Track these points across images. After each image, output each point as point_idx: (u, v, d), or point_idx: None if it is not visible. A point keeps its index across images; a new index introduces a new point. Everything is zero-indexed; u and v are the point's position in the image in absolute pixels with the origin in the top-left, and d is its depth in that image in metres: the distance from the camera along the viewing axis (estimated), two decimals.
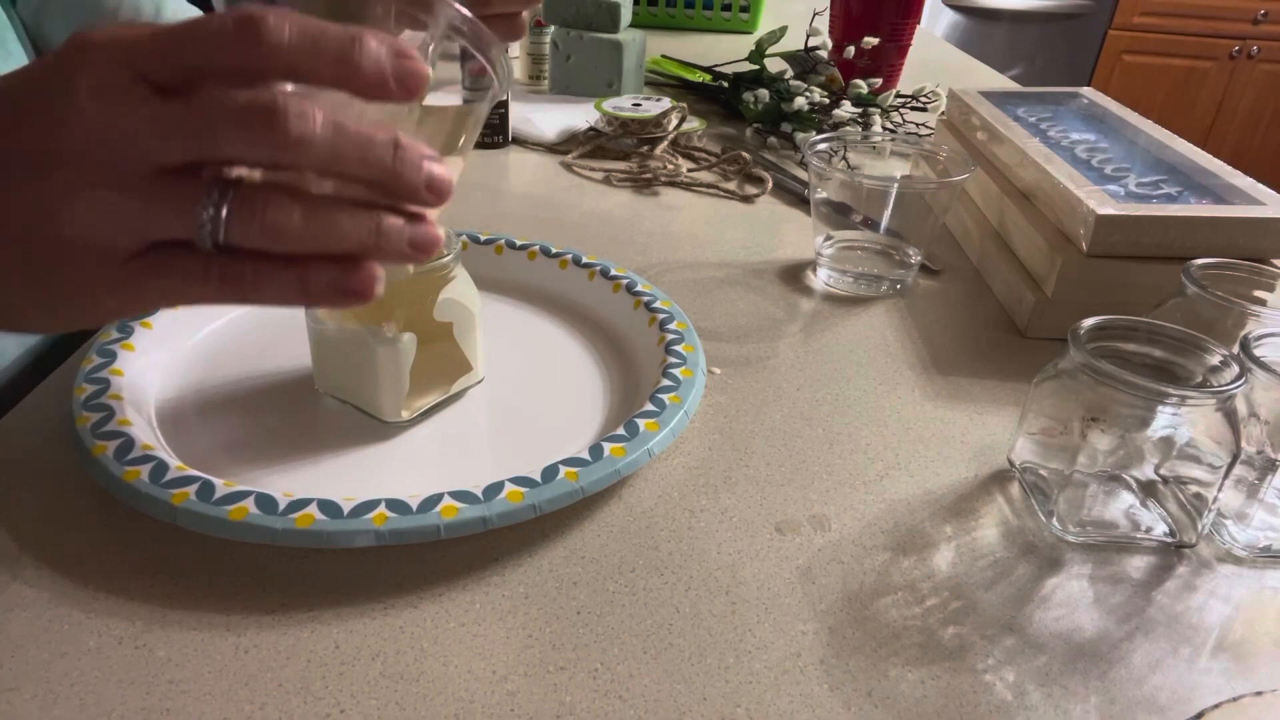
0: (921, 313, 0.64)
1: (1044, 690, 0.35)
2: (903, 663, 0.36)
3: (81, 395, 0.44)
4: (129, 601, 0.37)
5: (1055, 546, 0.43)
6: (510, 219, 0.75)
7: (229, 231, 0.29)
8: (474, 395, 0.51)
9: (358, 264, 0.30)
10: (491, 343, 0.53)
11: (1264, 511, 0.43)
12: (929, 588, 0.40)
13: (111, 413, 0.43)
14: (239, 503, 0.37)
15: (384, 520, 0.37)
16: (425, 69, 0.29)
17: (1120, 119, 0.74)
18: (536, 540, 0.41)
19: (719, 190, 0.83)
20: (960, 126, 0.81)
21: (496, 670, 0.35)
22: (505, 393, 0.51)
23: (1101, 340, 0.43)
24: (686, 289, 0.65)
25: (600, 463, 0.41)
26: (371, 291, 0.31)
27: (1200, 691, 0.36)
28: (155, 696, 0.33)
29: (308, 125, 0.28)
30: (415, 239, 0.31)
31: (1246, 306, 0.46)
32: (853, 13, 1.09)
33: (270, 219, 0.29)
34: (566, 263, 0.61)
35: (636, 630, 0.37)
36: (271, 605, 0.37)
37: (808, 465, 0.47)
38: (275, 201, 0.29)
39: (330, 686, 0.34)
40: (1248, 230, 0.56)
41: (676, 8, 1.46)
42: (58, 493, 0.42)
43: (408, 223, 0.31)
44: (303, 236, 0.29)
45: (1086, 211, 0.57)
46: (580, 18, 1.01)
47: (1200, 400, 0.38)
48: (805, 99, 0.93)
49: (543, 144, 0.92)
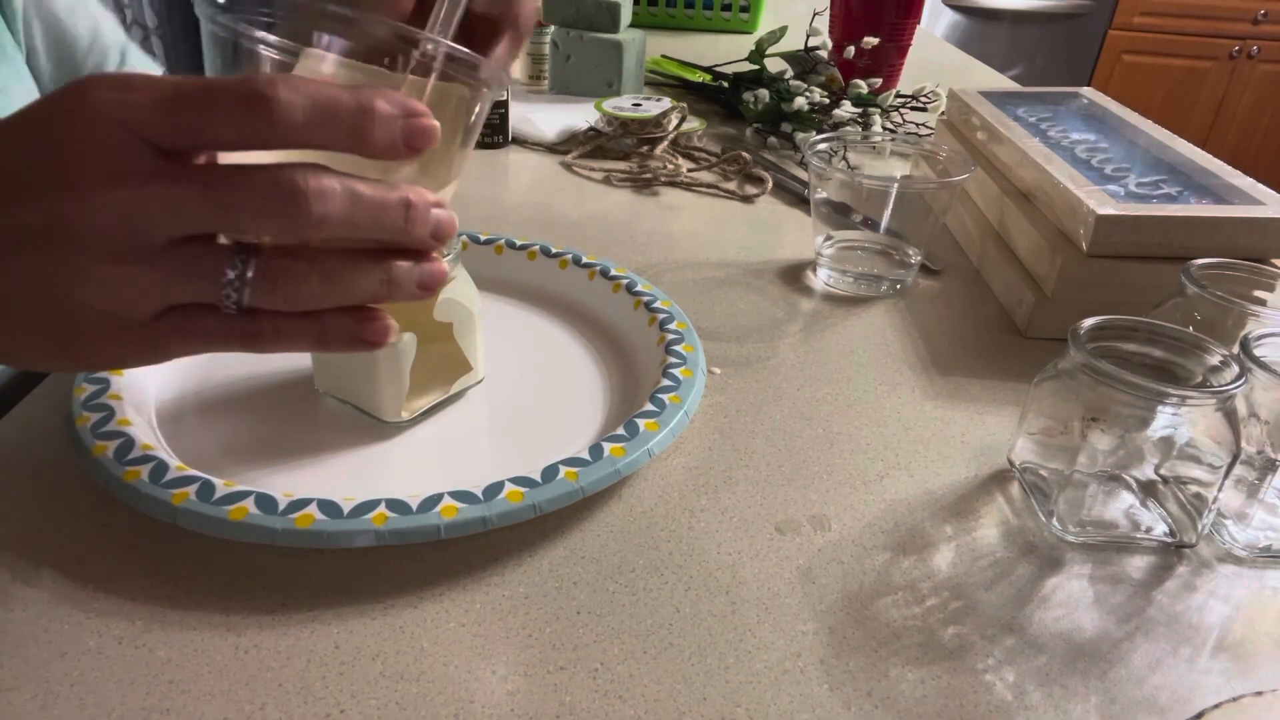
0: (921, 313, 0.64)
1: (1044, 690, 0.35)
2: (903, 663, 0.36)
3: (81, 395, 0.44)
4: (129, 601, 0.37)
5: (1055, 546, 0.43)
6: (510, 219, 0.75)
7: (252, 299, 0.29)
8: (474, 395, 0.51)
9: (372, 314, 0.32)
10: (491, 343, 0.53)
11: (1264, 511, 0.43)
12: (929, 588, 0.40)
13: (111, 413, 0.43)
14: (239, 503, 0.37)
15: (384, 520, 0.37)
16: (435, 126, 0.30)
17: (1120, 119, 0.74)
18: (536, 540, 0.41)
19: (719, 190, 0.83)
20: (960, 126, 0.81)
21: (496, 670, 0.35)
22: (505, 393, 0.51)
23: (1101, 340, 0.43)
24: (686, 289, 0.65)
25: (600, 463, 0.41)
26: (386, 339, 0.33)
27: (1200, 691, 0.36)
28: (155, 696, 0.33)
29: (328, 205, 0.28)
30: (423, 279, 0.32)
31: (1246, 306, 0.46)
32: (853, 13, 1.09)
33: (292, 289, 0.30)
34: (566, 263, 0.61)
35: (636, 630, 0.37)
36: (271, 605, 0.37)
37: (808, 465, 0.47)
38: (295, 270, 0.30)
39: (330, 686, 0.34)
40: (1248, 230, 0.56)
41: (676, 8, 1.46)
42: (58, 493, 0.42)
43: (415, 264, 0.32)
44: (321, 298, 0.30)
45: (1086, 211, 0.57)
46: (580, 18, 1.01)
47: (1200, 400, 0.38)
48: (805, 99, 0.93)
49: (543, 144, 0.92)
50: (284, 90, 0.27)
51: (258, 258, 0.29)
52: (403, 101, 0.29)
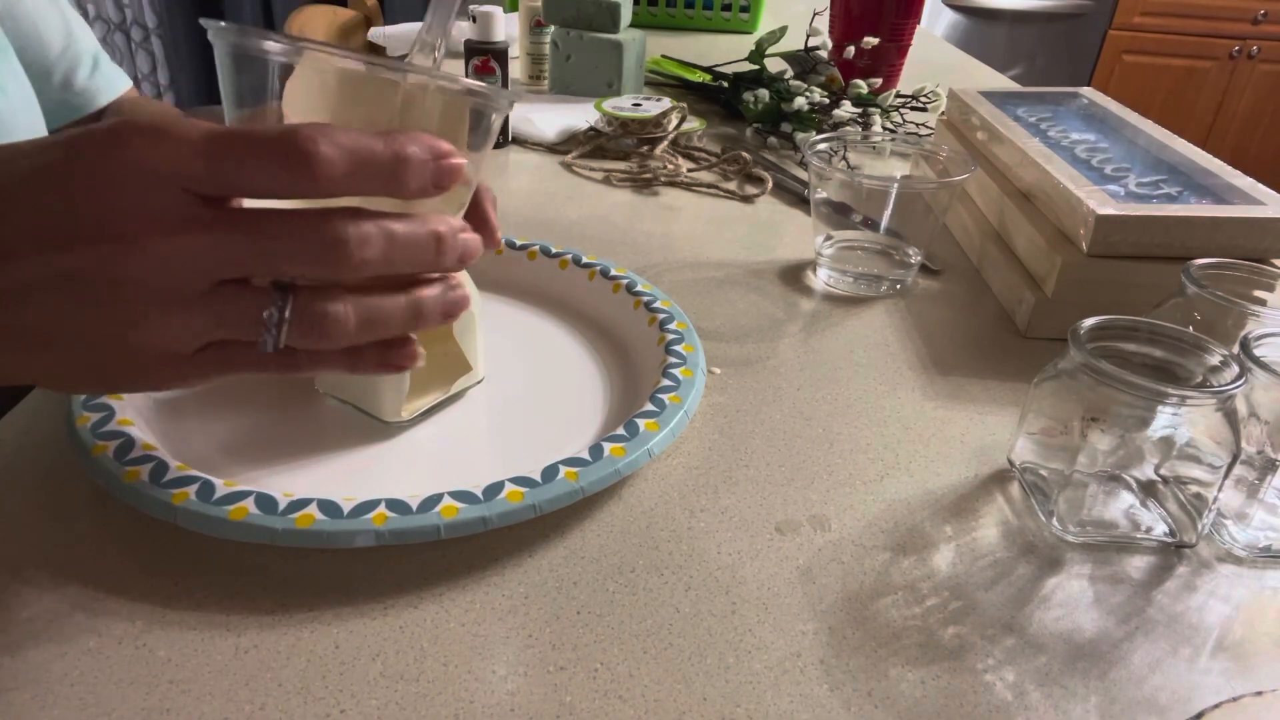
0: (921, 313, 0.64)
1: (1044, 690, 0.35)
2: (903, 663, 0.36)
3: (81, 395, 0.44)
4: (129, 601, 0.37)
5: (1055, 546, 0.43)
6: (510, 219, 0.75)
7: (289, 339, 0.31)
8: (474, 395, 0.51)
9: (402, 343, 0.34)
10: (491, 343, 0.53)
11: (1264, 511, 0.43)
12: (929, 588, 0.40)
13: (111, 413, 0.43)
14: (239, 503, 0.37)
15: (384, 520, 0.37)
16: (461, 165, 0.31)
17: (1120, 119, 0.74)
18: (536, 540, 0.41)
19: (719, 190, 0.83)
20: (960, 126, 0.81)
21: (496, 670, 0.35)
22: (505, 393, 0.51)
23: (1101, 340, 0.43)
24: (686, 289, 0.65)
25: (600, 463, 0.41)
26: (414, 363, 0.35)
27: (1200, 691, 0.36)
28: (155, 696, 0.33)
29: (368, 251, 0.30)
30: (447, 308, 0.34)
31: (1246, 306, 0.46)
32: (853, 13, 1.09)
33: (328, 330, 0.31)
34: (566, 263, 0.61)
35: (636, 630, 0.37)
36: (271, 605, 0.37)
37: (808, 465, 0.47)
38: (331, 313, 0.31)
39: (330, 686, 0.34)
40: (1248, 230, 0.56)
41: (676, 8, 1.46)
42: (58, 493, 0.42)
43: (442, 294, 0.34)
44: (354, 337, 0.32)
45: (1087, 211, 0.57)
46: (580, 18, 1.01)
47: (1200, 400, 0.38)
48: (805, 99, 0.93)
49: (543, 144, 0.92)
50: (324, 145, 0.28)
51: (295, 300, 0.30)
52: (431, 145, 0.30)
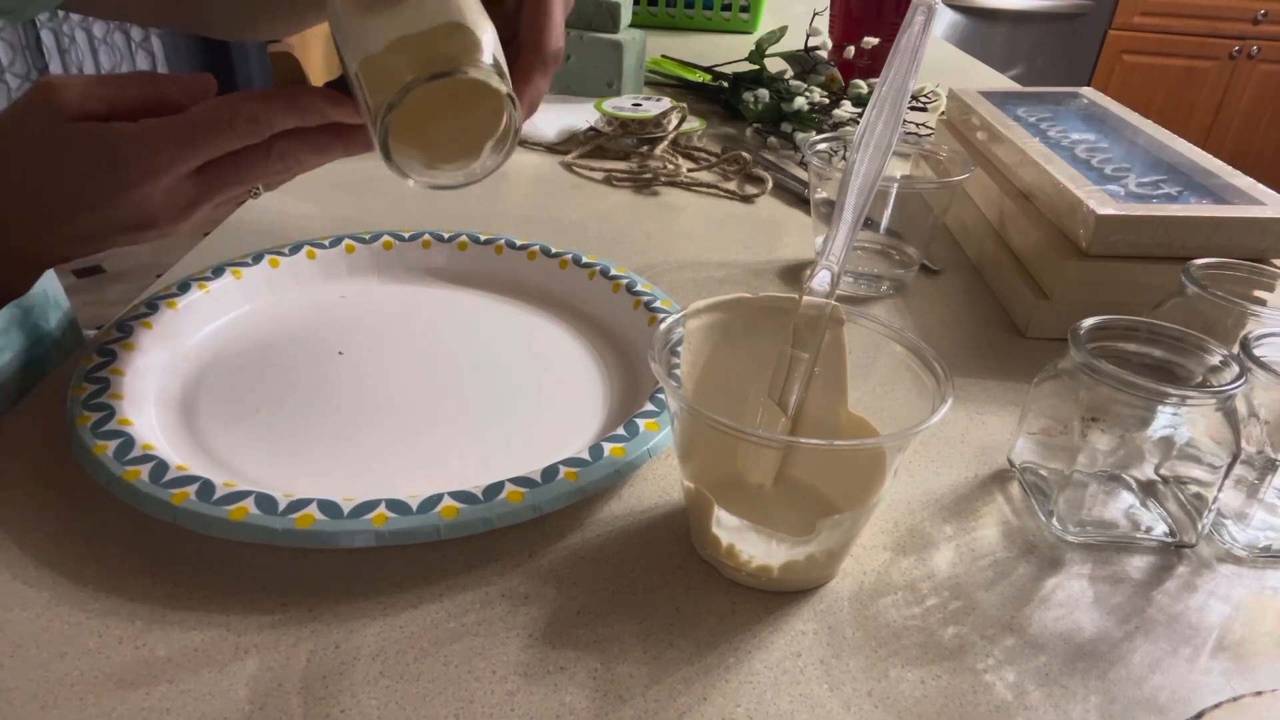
0: (921, 313, 0.64)
1: (1044, 690, 0.35)
2: (903, 663, 0.36)
3: (81, 395, 0.44)
4: (129, 601, 0.37)
5: (1055, 546, 0.43)
6: (510, 219, 0.75)
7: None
8: (474, 395, 0.51)
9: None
10: (491, 343, 0.53)
11: (1264, 511, 0.43)
12: (929, 588, 0.40)
13: (111, 413, 0.43)
14: (239, 503, 0.37)
15: (384, 520, 0.37)
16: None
17: (1120, 119, 0.74)
18: (536, 540, 0.41)
19: (719, 190, 0.83)
20: (960, 126, 0.81)
21: (496, 670, 0.35)
22: (505, 393, 0.51)
23: (1101, 340, 0.43)
24: (686, 289, 0.65)
25: (600, 463, 0.41)
26: None
27: (1200, 691, 0.36)
28: (155, 696, 0.33)
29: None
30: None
31: (1246, 306, 0.46)
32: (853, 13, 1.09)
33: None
34: (566, 263, 0.60)
35: (637, 630, 0.37)
36: (271, 605, 0.37)
37: None
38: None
39: (330, 686, 0.34)
40: (1248, 230, 0.56)
41: (676, 8, 1.46)
42: (58, 493, 0.42)
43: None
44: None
45: (1086, 211, 0.57)
46: (580, 18, 1.01)
47: (1200, 400, 0.38)
48: (805, 99, 0.93)
49: (543, 144, 0.92)
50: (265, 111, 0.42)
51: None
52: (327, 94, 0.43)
